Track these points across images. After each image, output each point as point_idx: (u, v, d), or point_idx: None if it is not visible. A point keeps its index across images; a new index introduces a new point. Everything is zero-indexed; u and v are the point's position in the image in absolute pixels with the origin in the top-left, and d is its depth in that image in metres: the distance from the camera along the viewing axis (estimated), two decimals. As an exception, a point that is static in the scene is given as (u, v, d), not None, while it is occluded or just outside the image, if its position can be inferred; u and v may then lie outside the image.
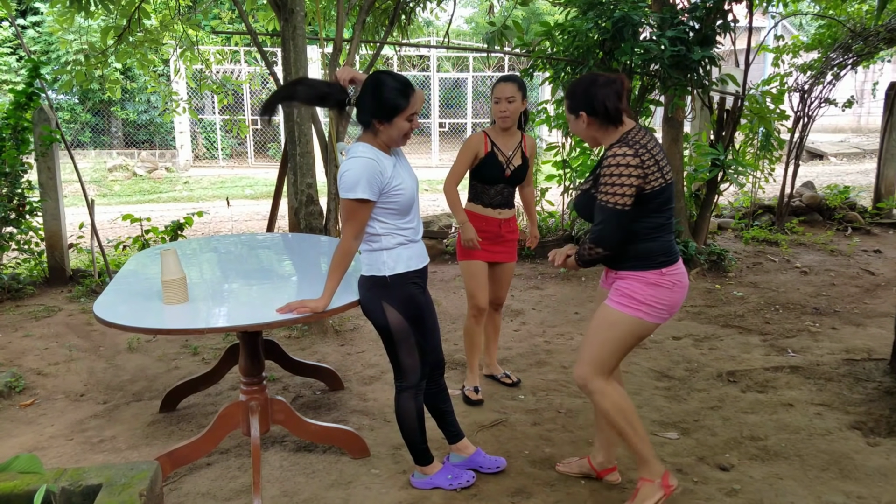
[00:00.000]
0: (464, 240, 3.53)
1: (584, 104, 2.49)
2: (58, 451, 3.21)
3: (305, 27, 4.69)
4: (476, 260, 3.59)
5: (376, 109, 2.49)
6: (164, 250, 2.75)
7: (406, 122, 2.52)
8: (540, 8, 18.01)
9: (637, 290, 2.48)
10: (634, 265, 2.50)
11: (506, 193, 3.59)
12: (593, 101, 2.46)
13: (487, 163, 3.50)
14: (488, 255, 3.60)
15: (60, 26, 6.37)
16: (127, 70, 13.57)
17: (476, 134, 3.55)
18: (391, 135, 2.54)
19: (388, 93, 2.47)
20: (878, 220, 8.26)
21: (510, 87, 3.41)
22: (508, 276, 3.77)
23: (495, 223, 3.58)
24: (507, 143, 3.53)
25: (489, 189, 3.56)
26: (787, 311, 5.21)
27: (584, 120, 2.50)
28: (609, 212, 2.40)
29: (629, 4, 5.16)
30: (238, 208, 10.39)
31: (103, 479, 1.83)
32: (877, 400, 3.59)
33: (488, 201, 3.57)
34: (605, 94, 2.44)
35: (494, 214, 3.58)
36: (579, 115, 2.51)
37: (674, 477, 2.63)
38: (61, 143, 5.80)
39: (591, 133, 2.54)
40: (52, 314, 5.17)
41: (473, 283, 3.61)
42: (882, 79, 11.55)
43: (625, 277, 2.52)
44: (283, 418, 3.03)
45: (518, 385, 3.87)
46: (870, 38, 7.44)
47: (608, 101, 2.44)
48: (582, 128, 2.54)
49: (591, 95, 2.46)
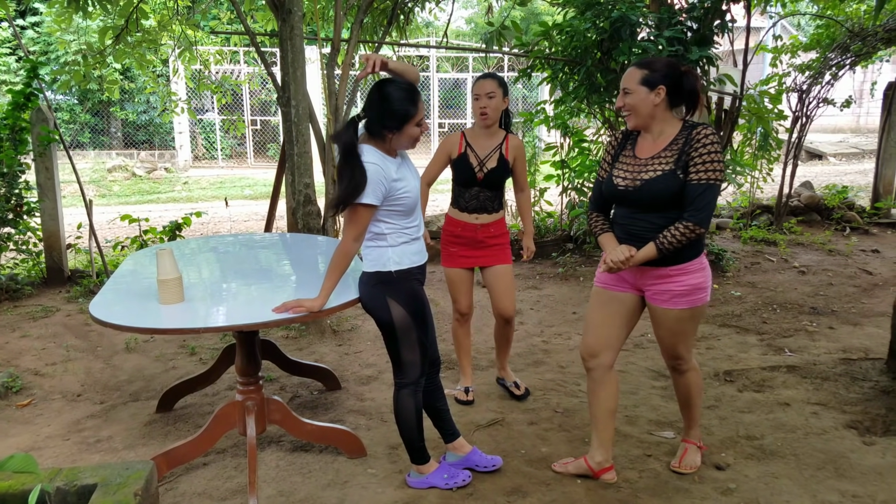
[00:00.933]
0: None
1: (669, 80, 2.53)
2: (54, 452, 3.21)
3: (303, 27, 4.69)
4: (454, 268, 3.54)
5: (386, 120, 2.49)
6: (160, 250, 2.75)
7: (416, 127, 2.54)
8: (538, 8, 18.02)
9: (700, 279, 2.62)
10: (693, 253, 2.59)
11: (482, 198, 3.42)
12: (681, 81, 2.54)
13: (458, 164, 3.40)
14: (466, 261, 3.51)
15: (59, 26, 6.37)
16: (126, 70, 13.59)
17: (453, 133, 3.46)
18: (401, 142, 2.56)
19: (396, 103, 2.48)
20: (877, 219, 8.26)
21: (490, 83, 3.30)
22: (505, 281, 3.52)
23: (471, 228, 3.45)
24: (484, 144, 3.39)
25: (465, 192, 3.44)
26: (785, 311, 5.21)
27: (660, 94, 2.54)
28: (715, 190, 2.47)
29: (627, 4, 5.17)
30: (237, 209, 10.39)
31: (98, 478, 1.83)
32: (873, 399, 3.59)
33: (464, 205, 3.45)
34: (693, 81, 2.55)
35: (471, 220, 3.44)
36: (658, 89, 2.53)
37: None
38: (59, 144, 5.80)
39: (655, 111, 2.57)
40: (49, 314, 5.17)
41: (453, 290, 3.58)
42: (880, 79, 11.55)
43: (681, 273, 2.60)
44: (279, 418, 3.03)
45: (524, 398, 3.68)
46: (868, 38, 7.44)
47: (697, 87, 2.55)
48: (651, 101, 2.55)
49: (679, 75, 2.54)
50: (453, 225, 3.50)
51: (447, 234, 3.54)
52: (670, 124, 2.60)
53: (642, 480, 2.90)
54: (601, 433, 2.85)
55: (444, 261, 3.54)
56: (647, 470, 2.98)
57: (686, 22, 5.49)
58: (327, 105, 5.30)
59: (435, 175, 3.53)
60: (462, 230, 3.47)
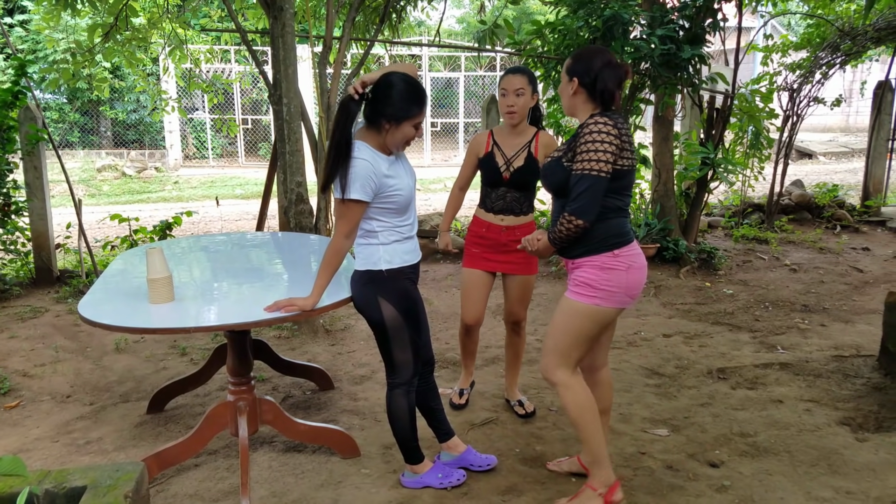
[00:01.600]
0: (440, 247, 3.50)
1: (582, 72, 2.48)
2: (43, 454, 3.17)
3: (295, 25, 4.66)
4: (473, 269, 3.36)
5: (389, 109, 2.49)
6: (150, 249, 2.73)
7: (412, 128, 2.54)
8: (531, 7, 18.03)
9: (591, 276, 2.47)
10: (587, 250, 2.48)
11: (509, 198, 3.25)
12: (595, 74, 2.47)
13: (484, 164, 3.27)
14: (488, 264, 3.34)
15: (47, 24, 6.32)
16: (116, 69, 13.50)
17: (480, 133, 3.35)
18: (395, 138, 2.54)
19: (403, 95, 2.49)
20: (867, 217, 8.31)
21: (519, 79, 3.13)
22: (521, 291, 3.40)
23: (496, 230, 3.28)
24: (511, 143, 3.23)
25: (491, 193, 3.28)
26: (777, 309, 5.22)
27: (573, 85, 2.51)
28: (591, 180, 2.38)
29: (619, 3, 5.17)
30: (228, 208, 10.34)
31: (88, 480, 1.80)
32: (865, 396, 3.61)
33: (490, 206, 3.29)
34: (609, 75, 2.46)
35: (496, 221, 3.28)
36: (572, 80, 2.51)
37: (621, 492, 2.61)
38: (48, 143, 5.75)
39: (574, 102, 2.54)
40: (38, 315, 5.13)
41: (464, 294, 3.41)
42: (870, 78, 11.62)
43: (580, 265, 2.51)
44: (271, 418, 3.01)
45: (531, 416, 3.47)
46: (858, 37, 7.48)
47: (609, 83, 2.46)
48: (568, 92, 2.54)
49: (594, 68, 2.47)
50: (478, 225, 3.36)
51: (471, 235, 3.39)
52: (586, 116, 2.53)
53: (637, 478, 2.89)
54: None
55: (465, 261, 3.40)
56: (642, 468, 2.97)
57: (678, 20, 5.50)
58: (319, 103, 5.27)
59: (467, 178, 3.42)
60: (487, 231, 3.31)
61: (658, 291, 5.63)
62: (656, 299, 5.48)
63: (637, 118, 6.23)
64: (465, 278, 3.39)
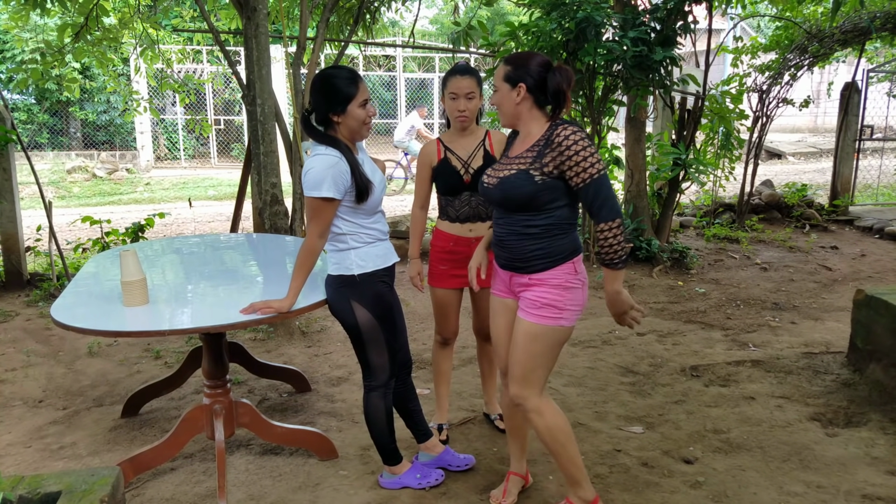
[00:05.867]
0: (408, 276, 3.21)
1: (529, 78, 2.35)
2: (15, 459, 3.12)
3: (269, 26, 4.64)
4: (442, 287, 3.12)
5: (329, 103, 2.50)
6: (124, 251, 2.70)
7: (360, 109, 2.53)
8: (504, 8, 18.11)
9: (555, 297, 2.36)
10: (552, 262, 2.36)
11: (474, 202, 3.01)
12: (541, 77, 2.35)
13: (440, 172, 3.02)
14: (458, 280, 3.07)
15: (15, 24, 6.20)
16: (86, 69, 13.29)
17: (428, 143, 3.09)
18: (350, 126, 2.54)
19: (336, 84, 2.50)
20: (835, 217, 8.48)
21: (468, 82, 2.93)
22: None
23: (464, 243, 3.03)
24: (464, 145, 3.03)
25: (454, 201, 3.03)
26: (748, 307, 5.31)
27: (520, 92, 2.36)
28: (607, 179, 2.28)
29: (592, 5, 5.22)
30: (201, 209, 10.24)
31: (63, 485, 1.78)
32: (835, 392, 3.68)
33: (454, 215, 3.04)
34: (560, 79, 2.34)
35: (464, 232, 3.03)
36: (517, 86, 2.36)
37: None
38: (17, 144, 5.65)
39: (519, 109, 2.39)
40: (8, 319, 5.03)
41: (437, 312, 3.18)
42: (837, 79, 11.85)
43: (539, 283, 2.37)
44: (248, 421, 2.99)
45: None
46: (825, 39, 7.64)
47: (560, 83, 2.34)
48: (512, 99, 2.38)
49: (538, 71, 2.35)
50: (443, 240, 3.08)
51: (437, 251, 3.11)
52: (538, 124, 2.40)
53: (613, 475, 2.93)
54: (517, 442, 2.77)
55: (431, 279, 3.14)
56: (617, 465, 3.00)
57: (650, 23, 5.57)
58: (293, 104, 5.25)
59: (426, 195, 3.14)
60: (454, 245, 3.05)
61: (631, 291, 5.70)
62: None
63: (610, 119, 6.29)
64: (437, 298, 3.15)
